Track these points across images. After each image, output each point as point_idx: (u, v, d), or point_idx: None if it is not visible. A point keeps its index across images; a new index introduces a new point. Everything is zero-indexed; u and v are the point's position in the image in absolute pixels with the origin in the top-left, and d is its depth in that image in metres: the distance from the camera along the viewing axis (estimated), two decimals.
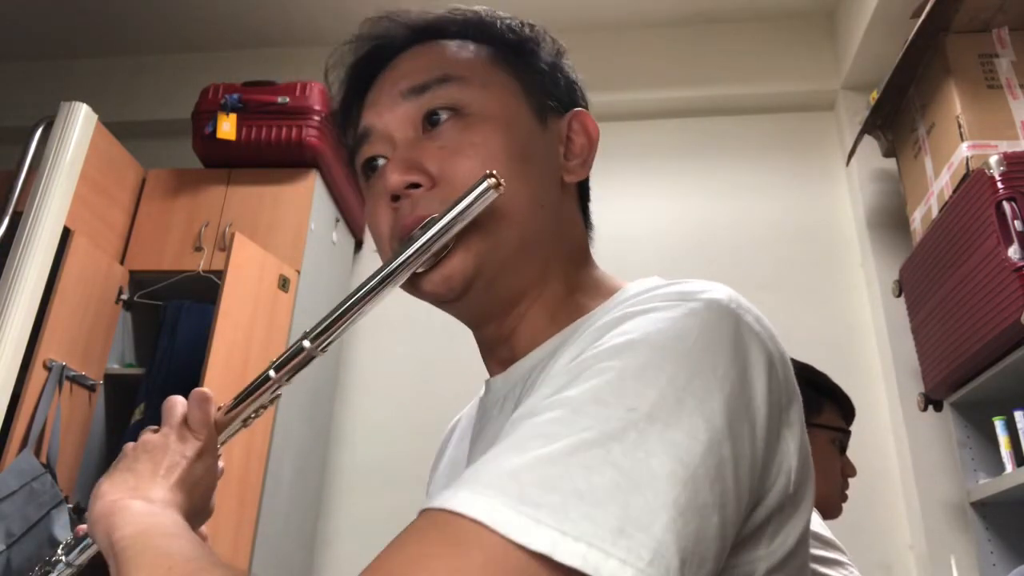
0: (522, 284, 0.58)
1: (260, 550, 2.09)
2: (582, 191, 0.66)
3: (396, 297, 0.59)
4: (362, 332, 2.76)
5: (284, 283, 2.33)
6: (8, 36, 3.23)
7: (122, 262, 2.43)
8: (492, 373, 0.64)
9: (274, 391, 0.58)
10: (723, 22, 2.96)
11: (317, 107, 2.52)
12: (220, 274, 2.17)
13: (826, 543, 1.12)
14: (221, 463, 0.61)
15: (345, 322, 0.56)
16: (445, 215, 0.53)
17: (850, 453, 1.32)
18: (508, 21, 0.64)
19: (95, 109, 2.27)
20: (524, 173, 0.57)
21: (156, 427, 0.59)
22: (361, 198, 0.63)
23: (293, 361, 0.57)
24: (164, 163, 2.64)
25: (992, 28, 2.05)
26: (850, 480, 1.32)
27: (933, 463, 2.22)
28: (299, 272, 2.39)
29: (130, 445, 0.58)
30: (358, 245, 2.91)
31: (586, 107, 0.66)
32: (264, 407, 0.60)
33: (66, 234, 2.13)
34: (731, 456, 0.39)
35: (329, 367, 2.64)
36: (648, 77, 2.92)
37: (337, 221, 2.71)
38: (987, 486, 1.93)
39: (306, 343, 0.56)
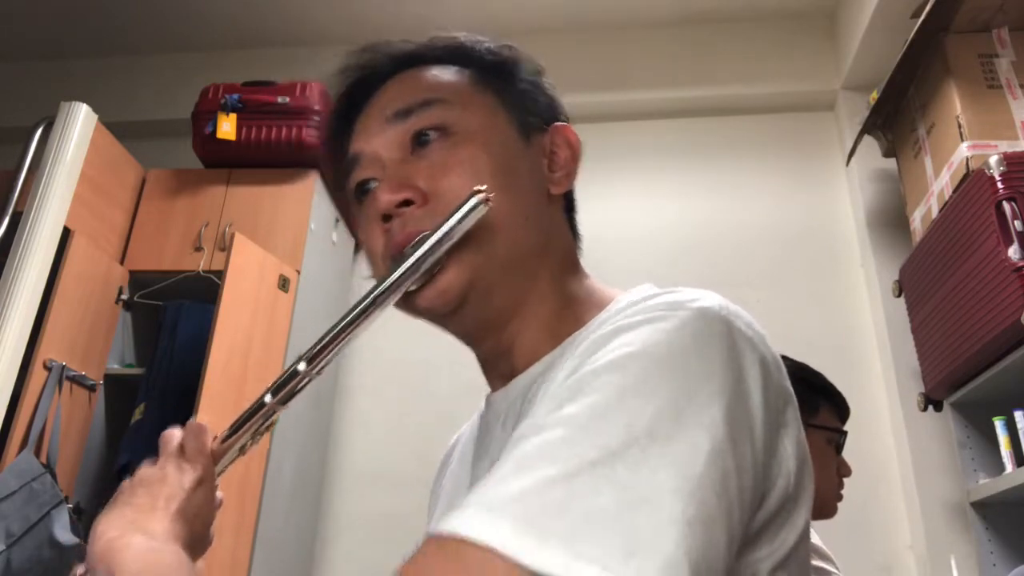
0: (515, 295, 0.59)
1: (260, 550, 2.08)
2: (568, 203, 0.68)
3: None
4: (362, 332, 2.75)
5: (284, 283, 2.33)
6: (8, 36, 3.23)
7: (122, 262, 2.43)
8: (494, 388, 0.64)
9: (270, 416, 0.58)
10: (723, 22, 2.96)
11: (317, 107, 2.52)
12: (220, 274, 2.17)
13: (813, 550, 1.12)
14: (220, 494, 0.61)
15: (340, 343, 0.57)
16: (436, 231, 0.54)
17: (849, 453, 1.32)
18: (487, 44, 0.66)
19: (95, 109, 2.27)
20: (511, 187, 0.58)
21: (154, 459, 0.59)
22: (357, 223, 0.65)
23: (289, 385, 0.57)
24: (164, 163, 2.64)
25: (992, 28, 2.05)
26: (850, 480, 1.32)
27: (933, 463, 2.22)
28: (299, 272, 2.39)
29: (127, 481, 0.57)
30: (358, 245, 2.89)
31: (566, 121, 0.68)
32: (260, 433, 0.59)
33: (66, 234, 2.13)
34: (734, 466, 0.39)
35: (329, 368, 2.63)
36: (648, 77, 2.92)
37: (337, 221, 2.71)
38: (987, 486, 1.93)
39: (301, 366, 0.56)
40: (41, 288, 2.02)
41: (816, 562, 1.14)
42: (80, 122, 2.20)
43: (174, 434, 0.60)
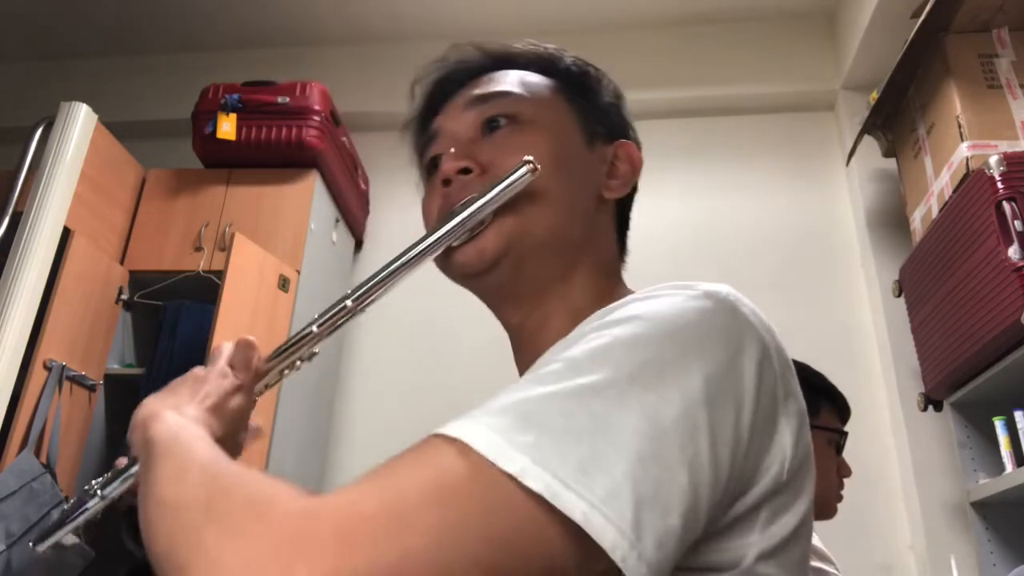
0: (547, 275, 0.63)
1: None
2: (622, 217, 0.72)
3: (397, 298, 0.61)
4: (363, 332, 2.76)
5: (284, 283, 2.33)
6: (8, 36, 3.23)
7: (122, 262, 2.43)
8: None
9: (312, 346, 0.64)
10: (723, 22, 2.96)
11: (317, 107, 2.52)
12: (220, 274, 2.17)
13: (812, 551, 1.12)
14: (257, 423, 0.68)
15: (385, 285, 0.61)
16: (484, 195, 0.59)
17: (849, 453, 1.32)
18: (575, 59, 0.73)
19: (95, 109, 2.27)
20: (564, 172, 0.63)
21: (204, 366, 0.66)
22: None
23: (334, 318, 0.62)
24: (164, 163, 2.64)
25: (992, 28, 2.05)
26: (850, 480, 1.32)
27: (933, 463, 2.22)
28: (299, 272, 2.39)
29: (178, 379, 0.65)
30: (358, 245, 2.91)
31: (638, 145, 0.73)
32: (302, 360, 0.66)
33: (66, 234, 2.13)
34: (707, 424, 0.41)
35: (330, 367, 2.64)
36: (648, 77, 2.92)
37: (337, 221, 2.71)
38: (987, 486, 1.93)
39: (348, 302, 0.62)
40: (41, 288, 2.02)
41: (815, 563, 1.14)
42: (80, 122, 2.20)
43: (224, 347, 0.68)
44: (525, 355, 0.65)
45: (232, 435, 0.64)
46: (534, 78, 0.70)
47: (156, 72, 3.23)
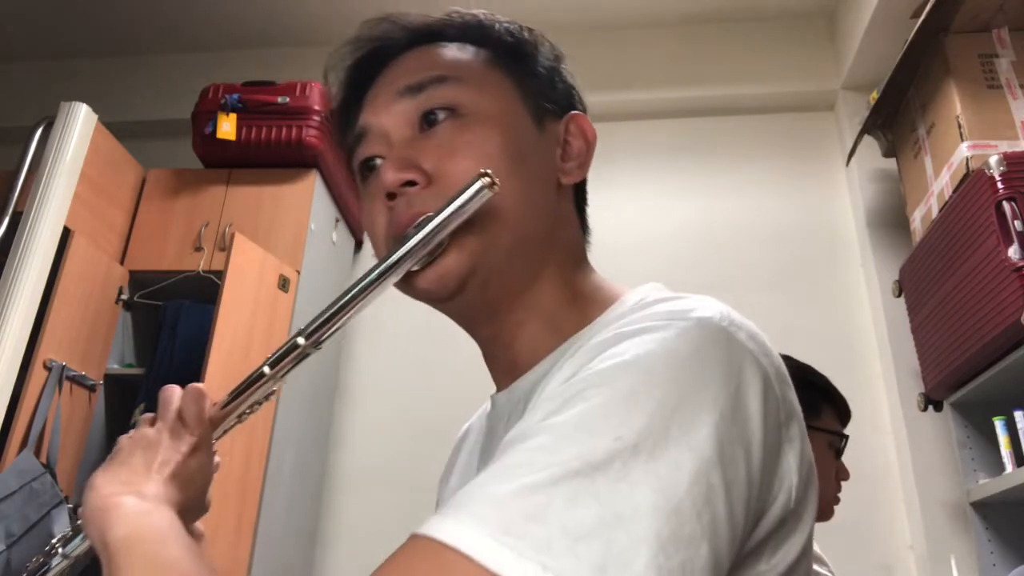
0: (517, 284, 0.58)
1: (260, 550, 2.09)
2: (579, 195, 0.66)
3: (396, 297, 0.59)
4: (362, 332, 2.76)
5: (284, 283, 2.33)
6: (8, 36, 3.23)
7: (122, 262, 2.43)
8: (498, 385, 0.64)
9: (268, 388, 0.58)
10: (723, 22, 2.96)
11: (317, 107, 2.52)
12: (220, 274, 2.17)
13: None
14: (217, 458, 0.61)
15: (340, 319, 0.56)
16: (439, 213, 0.53)
17: (850, 453, 1.32)
18: (507, 25, 0.64)
19: (95, 109, 2.27)
20: (519, 173, 0.57)
21: (152, 415, 0.59)
22: (360, 199, 0.64)
23: (287, 358, 0.56)
24: (164, 163, 2.64)
25: (992, 28, 2.05)
26: (850, 480, 1.32)
27: (933, 463, 2.22)
28: (299, 272, 2.39)
29: (125, 438, 0.58)
30: (358, 245, 2.91)
31: (584, 111, 0.66)
32: (259, 403, 0.59)
33: (66, 234, 2.13)
34: (721, 482, 0.38)
35: (329, 367, 2.64)
36: (648, 77, 2.92)
37: (337, 221, 2.71)
38: (987, 486, 1.93)
39: (300, 340, 0.56)
40: (41, 288, 2.02)
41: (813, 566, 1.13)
42: (80, 122, 2.20)
43: (173, 395, 0.59)
44: (500, 363, 0.62)
45: (198, 496, 0.59)
46: (467, 54, 0.62)
47: (156, 72, 3.22)
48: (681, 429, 0.38)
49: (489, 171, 0.52)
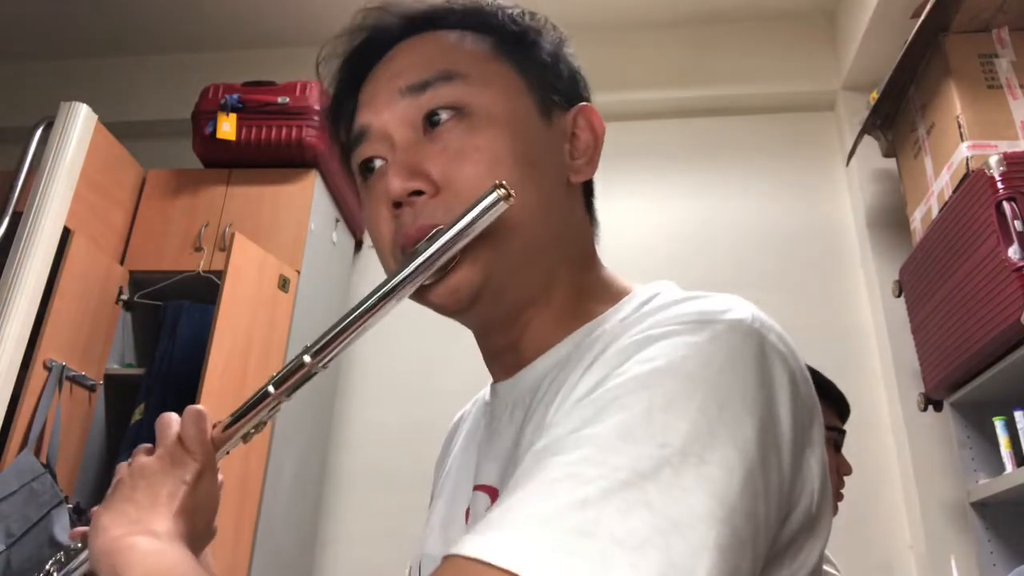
0: (530, 292, 0.57)
1: (260, 550, 2.08)
2: (587, 188, 0.64)
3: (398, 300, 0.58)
4: (371, 327, 2.75)
5: (284, 283, 2.33)
6: (8, 36, 3.23)
7: (122, 262, 2.43)
8: (496, 377, 0.63)
9: (273, 407, 0.56)
10: (723, 22, 2.96)
11: (317, 107, 2.52)
12: (220, 274, 2.17)
13: None
14: (220, 476, 0.59)
15: (347, 337, 0.54)
16: (452, 227, 0.50)
17: (850, 453, 1.32)
18: (509, 10, 0.61)
19: (95, 109, 2.27)
20: (531, 177, 0.54)
21: (151, 445, 0.57)
22: (360, 198, 0.62)
23: (293, 377, 0.55)
24: (164, 163, 2.64)
25: (992, 28, 2.05)
26: (850, 479, 1.32)
27: (933, 463, 2.22)
28: (299, 272, 2.39)
29: (124, 468, 0.55)
30: (358, 245, 2.91)
31: (589, 99, 0.64)
32: (264, 423, 0.57)
33: (66, 234, 2.13)
34: (763, 488, 0.38)
35: (330, 368, 2.63)
36: (648, 77, 2.92)
37: (337, 221, 2.71)
38: (987, 486, 1.93)
39: (306, 358, 0.54)
40: (41, 288, 2.02)
41: None
42: (80, 122, 2.20)
43: (172, 421, 0.57)
44: (503, 360, 0.60)
45: (207, 523, 0.57)
46: (469, 44, 0.58)
47: (156, 72, 3.22)
48: (727, 433, 0.38)
49: (504, 182, 0.50)
